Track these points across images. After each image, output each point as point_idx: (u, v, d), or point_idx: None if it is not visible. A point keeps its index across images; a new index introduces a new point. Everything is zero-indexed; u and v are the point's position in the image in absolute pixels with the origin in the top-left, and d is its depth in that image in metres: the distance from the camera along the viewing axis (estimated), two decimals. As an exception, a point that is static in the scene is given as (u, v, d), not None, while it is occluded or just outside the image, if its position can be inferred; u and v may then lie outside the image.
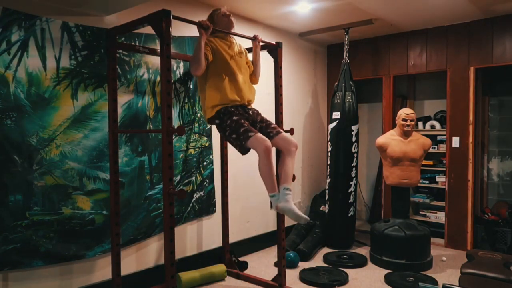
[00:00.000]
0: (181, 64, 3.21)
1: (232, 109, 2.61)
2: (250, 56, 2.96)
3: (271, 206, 2.61)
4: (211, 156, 3.51)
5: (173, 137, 2.39)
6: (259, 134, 2.49)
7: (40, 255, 2.40)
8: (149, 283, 3.04)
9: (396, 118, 3.77)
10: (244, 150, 2.53)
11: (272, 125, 2.71)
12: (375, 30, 4.39)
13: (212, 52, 2.59)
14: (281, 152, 2.67)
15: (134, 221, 2.92)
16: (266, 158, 2.45)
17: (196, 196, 3.39)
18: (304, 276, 3.33)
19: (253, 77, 2.91)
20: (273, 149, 2.62)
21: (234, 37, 2.81)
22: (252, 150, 2.54)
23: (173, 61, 3.08)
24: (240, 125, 2.53)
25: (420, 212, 4.70)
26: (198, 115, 3.36)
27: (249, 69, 2.88)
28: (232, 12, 3.68)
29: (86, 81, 2.61)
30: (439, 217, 4.50)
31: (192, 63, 2.50)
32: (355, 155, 4.25)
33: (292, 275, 3.41)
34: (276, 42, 3.05)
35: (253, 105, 2.87)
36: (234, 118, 2.56)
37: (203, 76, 2.64)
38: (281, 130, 2.70)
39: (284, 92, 3.38)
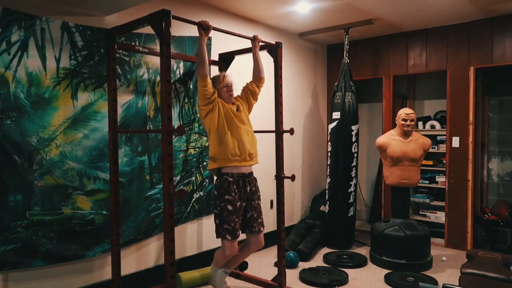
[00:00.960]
0: (181, 64, 3.21)
1: (233, 187, 2.64)
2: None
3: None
4: (211, 156, 3.51)
5: (173, 137, 2.39)
6: (233, 244, 2.65)
7: (40, 255, 2.40)
8: (149, 283, 3.04)
9: (396, 118, 3.77)
10: (217, 236, 2.74)
11: (260, 220, 2.80)
12: (375, 30, 4.39)
13: (217, 108, 2.66)
14: (246, 244, 2.86)
15: (134, 221, 2.92)
16: (224, 258, 2.79)
17: (196, 196, 3.39)
18: (304, 276, 3.33)
19: (258, 78, 2.90)
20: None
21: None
22: None
23: (173, 61, 3.08)
24: (227, 221, 2.62)
25: (420, 212, 4.70)
26: (198, 115, 3.36)
27: (251, 90, 2.89)
28: (232, 12, 3.71)
29: (86, 81, 2.61)
30: (439, 217, 4.50)
31: (199, 64, 2.56)
32: (355, 155, 4.25)
33: (292, 275, 3.41)
34: (276, 42, 3.05)
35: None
36: (229, 207, 2.62)
37: (208, 127, 2.71)
38: (262, 229, 2.81)
39: (284, 92, 3.38)
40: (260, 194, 2.85)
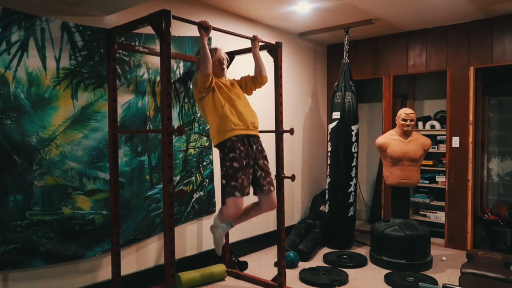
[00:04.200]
0: (181, 64, 3.21)
1: (238, 145, 2.61)
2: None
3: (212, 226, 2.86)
4: (211, 156, 3.51)
5: (173, 137, 2.39)
6: (239, 200, 2.57)
7: (40, 255, 2.40)
8: (149, 283, 3.04)
9: (396, 118, 3.77)
10: (223, 199, 2.66)
11: (268, 179, 2.75)
12: (375, 30, 4.39)
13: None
14: (260, 203, 2.80)
15: (134, 221, 2.92)
16: (227, 218, 2.67)
17: (196, 196, 3.39)
18: (304, 276, 3.33)
19: (259, 76, 2.90)
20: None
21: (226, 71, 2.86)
22: None
23: (173, 61, 3.08)
24: (234, 178, 2.56)
25: (420, 212, 4.70)
26: (198, 115, 3.36)
27: (248, 83, 2.91)
28: (232, 12, 3.71)
29: (86, 81, 2.61)
30: (439, 217, 4.50)
31: (202, 63, 2.54)
32: (355, 155, 4.25)
33: (292, 275, 3.41)
34: (276, 42, 3.05)
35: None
36: (235, 165, 2.57)
37: (204, 108, 2.72)
38: (273, 189, 2.77)
39: (284, 92, 3.38)
40: (266, 154, 2.81)
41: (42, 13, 2.41)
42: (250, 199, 2.78)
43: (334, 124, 4.26)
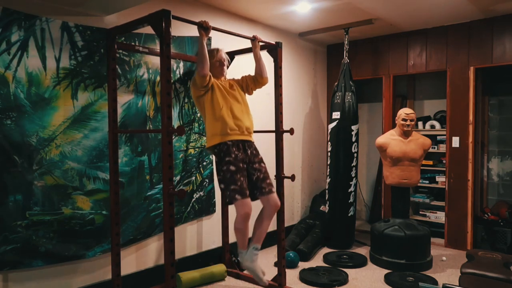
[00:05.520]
0: (181, 64, 3.21)
1: (233, 149, 2.61)
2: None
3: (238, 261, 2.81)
4: (210, 156, 3.51)
5: (173, 137, 2.39)
6: (245, 201, 2.55)
7: (40, 255, 2.40)
8: (149, 283, 3.04)
9: (396, 118, 3.77)
10: (227, 203, 2.76)
11: (268, 181, 2.73)
12: (375, 30, 4.39)
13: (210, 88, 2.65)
14: (263, 208, 2.75)
15: (134, 221, 2.92)
16: (243, 222, 2.58)
17: (196, 196, 3.39)
18: (304, 276, 3.33)
19: (259, 77, 2.87)
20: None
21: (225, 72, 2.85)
22: None
23: (173, 61, 3.08)
24: (232, 181, 2.55)
25: (420, 212, 4.71)
26: (198, 115, 3.36)
27: (249, 83, 2.89)
28: (232, 12, 3.71)
29: (86, 81, 2.61)
30: (439, 217, 4.50)
31: (199, 63, 2.53)
32: (355, 155, 4.25)
33: (292, 275, 3.41)
34: (275, 42, 3.05)
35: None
36: (231, 168, 2.57)
37: (201, 107, 2.71)
38: (273, 190, 2.74)
39: (284, 92, 3.38)
40: (262, 157, 2.79)
41: (42, 13, 2.41)
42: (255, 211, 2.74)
43: (334, 124, 4.26)
